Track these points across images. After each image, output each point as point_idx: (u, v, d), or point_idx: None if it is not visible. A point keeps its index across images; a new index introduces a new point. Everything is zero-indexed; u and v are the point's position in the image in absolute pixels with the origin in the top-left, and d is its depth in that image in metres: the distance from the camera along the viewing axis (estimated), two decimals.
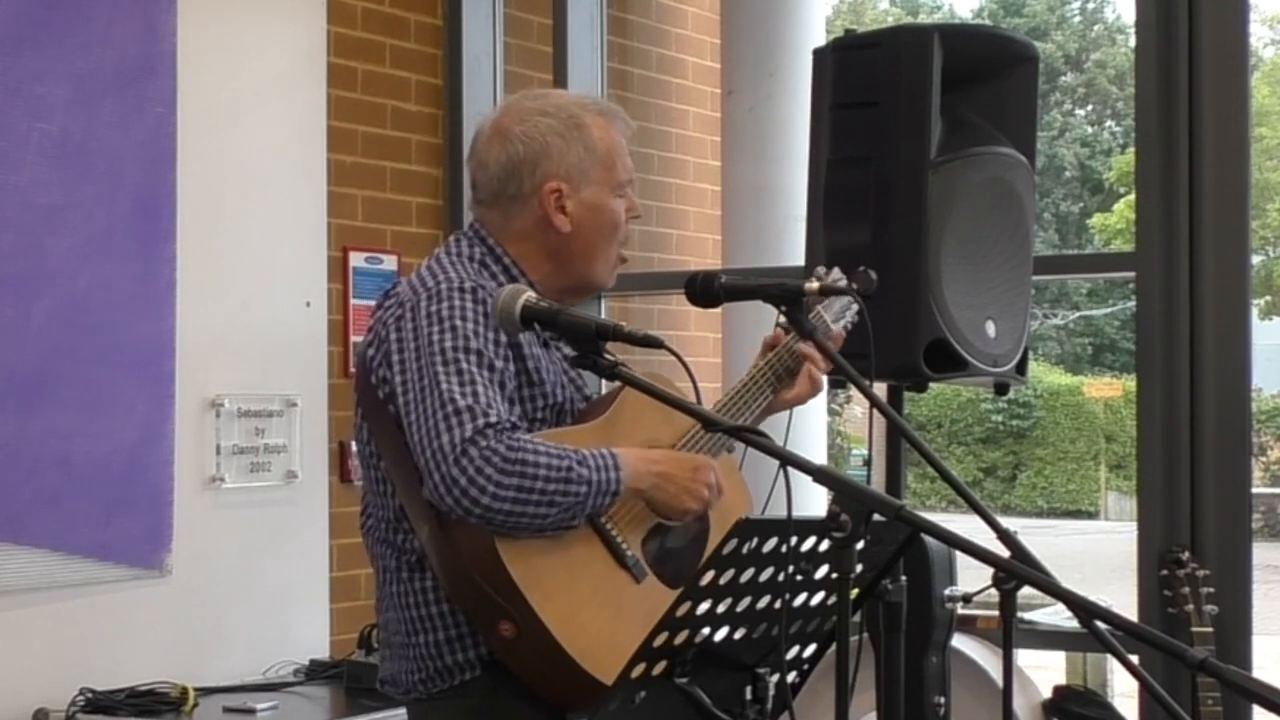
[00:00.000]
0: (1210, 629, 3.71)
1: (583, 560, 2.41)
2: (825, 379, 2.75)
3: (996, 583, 2.53)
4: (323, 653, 4.57)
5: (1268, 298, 23.32)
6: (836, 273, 2.77)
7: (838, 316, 2.79)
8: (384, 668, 2.60)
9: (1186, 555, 3.82)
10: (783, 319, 2.63)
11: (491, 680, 2.44)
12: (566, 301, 2.64)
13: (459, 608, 2.44)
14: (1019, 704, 3.88)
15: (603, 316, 4.45)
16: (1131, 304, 11.91)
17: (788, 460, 2.05)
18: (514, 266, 2.60)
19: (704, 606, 2.12)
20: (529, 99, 2.69)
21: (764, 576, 2.16)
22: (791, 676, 2.38)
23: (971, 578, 2.88)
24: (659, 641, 2.11)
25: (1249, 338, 3.98)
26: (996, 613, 2.64)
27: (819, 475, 1.98)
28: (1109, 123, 29.47)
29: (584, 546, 2.41)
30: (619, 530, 2.45)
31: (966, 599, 3.15)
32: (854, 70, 3.34)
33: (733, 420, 2.62)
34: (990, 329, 3.31)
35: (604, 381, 2.47)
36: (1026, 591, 3.23)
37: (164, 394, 4.23)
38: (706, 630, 2.16)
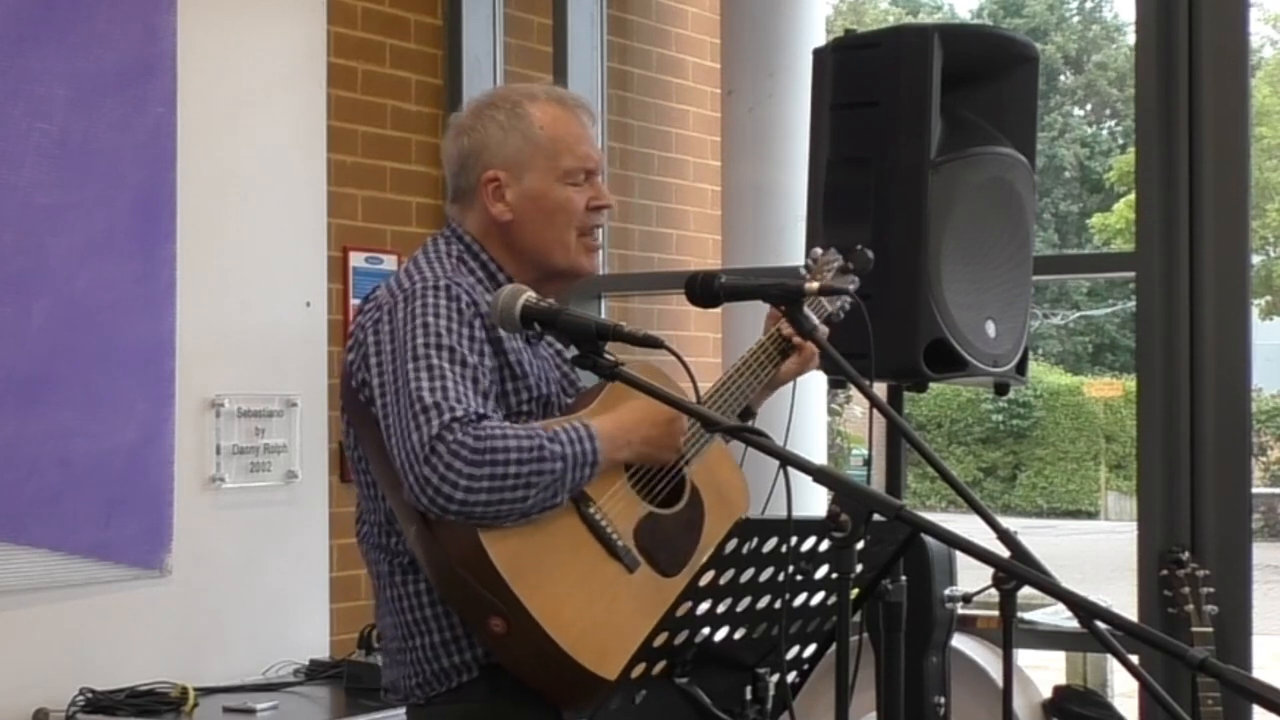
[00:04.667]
0: (1210, 629, 3.71)
1: (572, 552, 2.39)
2: (815, 358, 2.75)
3: (996, 583, 2.54)
4: (323, 653, 4.57)
5: (1268, 298, 23.30)
6: (833, 252, 2.78)
7: (833, 299, 2.79)
8: (385, 675, 2.60)
9: (1186, 555, 3.82)
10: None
11: (490, 683, 2.43)
12: (546, 292, 2.64)
13: (450, 607, 2.43)
14: (1019, 704, 3.88)
15: (603, 316, 4.46)
16: (1131, 303, 11.91)
17: (788, 460, 2.05)
18: (492, 262, 2.60)
19: (704, 606, 2.12)
20: (484, 94, 2.72)
21: (764, 576, 2.16)
22: (791, 676, 2.38)
23: (971, 578, 2.88)
24: (659, 641, 2.11)
25: (1249, 338, 3.98)
26: (996, 613, 2.64)
27: (819, 475, 1.98)
28: (1109, 123, 29.47)
29: (573, 538, 2.40)
30: (609, 521, 2.44)
31: (966, 599, 3.15)
32: (854, 70, 3.34)
33: (733, 401, 2.63)
34: (990, 329, 3.32)
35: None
36: (1026, 591, 3.23)
37: (164, 394, 4.23)
38: (706, 630, 2.16)
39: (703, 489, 2.59)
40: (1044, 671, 5.38)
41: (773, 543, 2.14)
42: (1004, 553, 2.03)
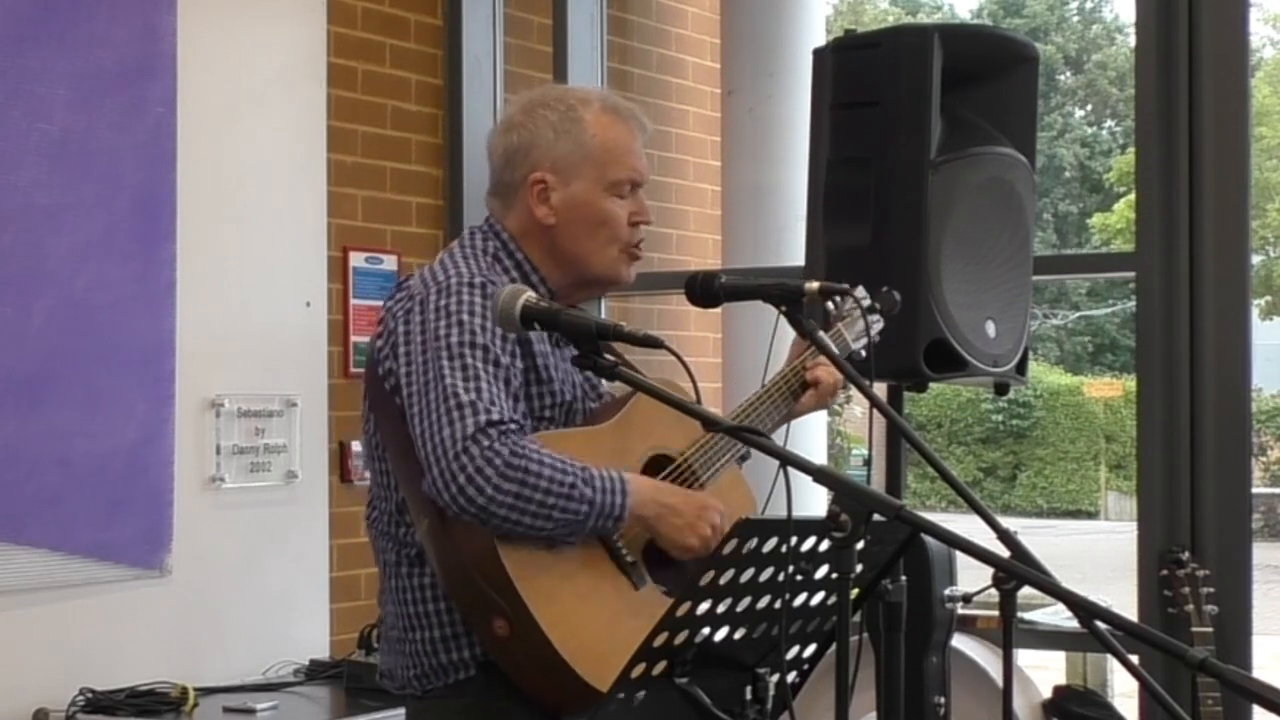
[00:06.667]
0: (1210, 629, 3.71)
1: (582, 563, 2.40)
2: (833, 393, 2.74)
3: (996, 583, 2.54)
4: (323, 653, 4.57)
5: (1268, 298, 23.32)
6: (861, 289, 2.76)
7: (859, 336, 2.78)
8: (383, 661, 2.61)
9: (1186, 555, 3.82)
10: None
11: (486, 681, 2.43)
12: (578, 296, 2.65)
13: (455, 603, 2.43)
14: (1019, 704, 3.88)
15: (603, 316, 4.45)
16: (1131, 303, 11.91)
17: (788, 460, 2.05)
18: (527, 262, 2.59)
19: (704, 606, 2.12)
20: (541, 91, 2.70)
21: (764, 576, 2.16)
22: (791, 676, 2.38)
23: (971, 578, 2.88)
24: (659, 641, 2.11)
25: (1249, 338, 3.98)
26: (996, 613, 2.64)
27: (819, 475, 1.98)
28: (1109, 123, 29.47)
29: (584, 549, 2.41)
30: (621, 537, 2.44)
31: (966, 599, 3.15)
32: (854, 70, 3.34)
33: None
34: (990, 329, 3.32)
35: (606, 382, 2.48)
36: (1026, 591, 3.23)
37: (164, 394, 4.23)
38: (706, 630, 2.15)
39: None
40: (1044, 671, 5.38)
41: (773, 543, 2.13)
42: (1004, 553, 2.03)
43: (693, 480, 2.56)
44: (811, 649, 2.37)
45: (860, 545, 1.96)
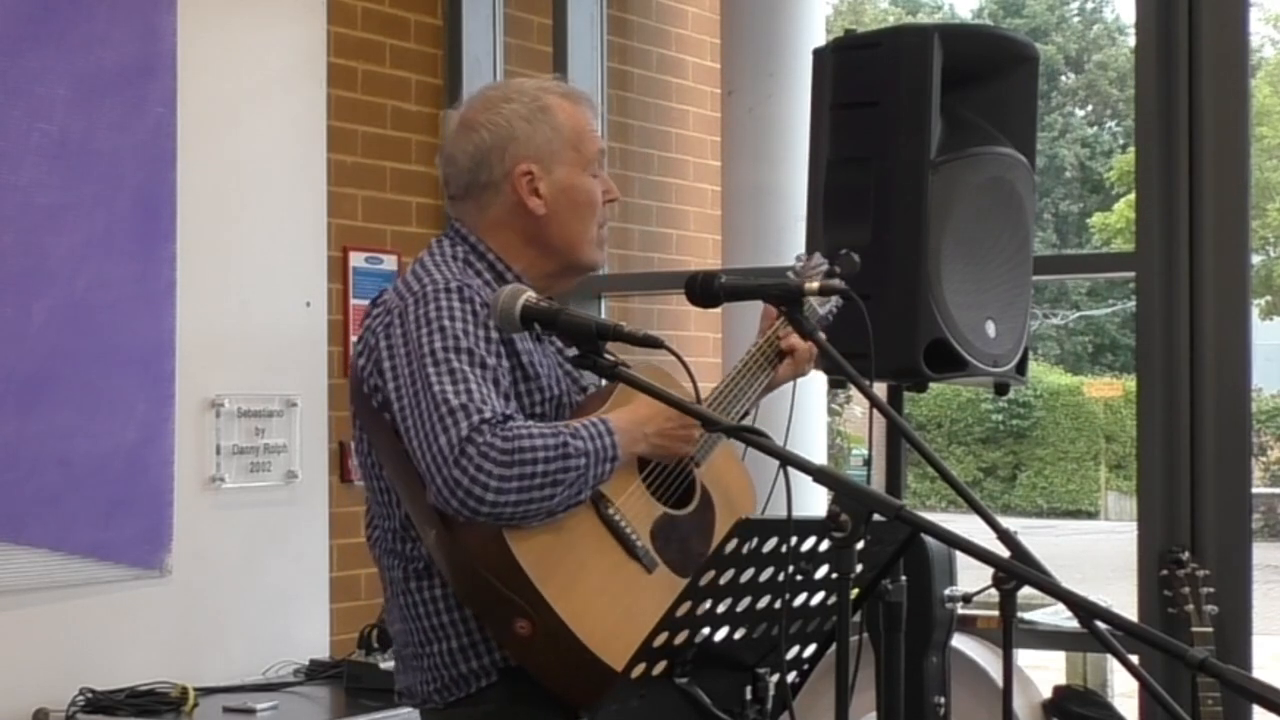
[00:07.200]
0: (1210, 629, 3.72)
1: (594, 553, 2.39)
2: (810, 361, 2.76)
3: (996, 583, 2.54)
4: (323, 653, 4.57)
5: (1268, 298, 23.31)
6: (818, 258, 2.78)
7: (824, 300, 2.79)
8: (399, 680, 2.58)
9: (1186, 555, 3.82)
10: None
11: (509, 687, 2.42)
12: (556, 286, 2.65)
13: (471, 610, 2.42)
14: (1019, 704, 3.88)
15: (602, 316, 4.45)
16: (1131, 303, 11.91)
17: (788, 460, 2.05)
18: (499, 261, 2.58)
19: (704, 606, 2.12)
20: (491, 89, 2.70)
21: (764, 576, 2.16)
22: (791, 676, 2.38)
23: (971, 578, 2.88)
24: (659, 641, 2.11)
25: (1249, 338, 3.98)
26: (996, 613, 2.65)
27: (819, 475, 1.98)
28: (1109, 123, 29.48)
29: (594, 539, 2.40)
30: (627, 521, 2.44)
31: (966, 599, 3.15)
32: (854, 70, 3.34)
33: (734, 403, 2.63)
34: (990, 329, 3.32)
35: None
36: (1026, 591, 3.23)
37: (164, 394, 4.23)
38: (706, 630, 2.15)
39: (712, 489, 2.60)
40: (1044, 671, 5.39)
41: (773, 543, 2.14)
42: (1004, 553, 2.03)
43: (690, 457, 2.56)
44: (811, 649, 2.37)
45: (860, 545, 1.96)
